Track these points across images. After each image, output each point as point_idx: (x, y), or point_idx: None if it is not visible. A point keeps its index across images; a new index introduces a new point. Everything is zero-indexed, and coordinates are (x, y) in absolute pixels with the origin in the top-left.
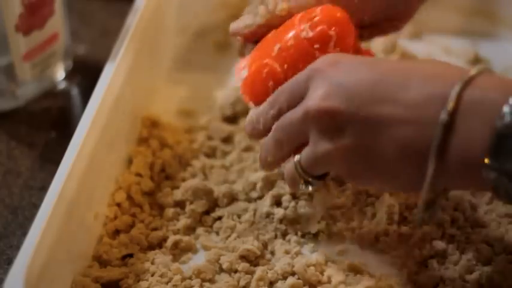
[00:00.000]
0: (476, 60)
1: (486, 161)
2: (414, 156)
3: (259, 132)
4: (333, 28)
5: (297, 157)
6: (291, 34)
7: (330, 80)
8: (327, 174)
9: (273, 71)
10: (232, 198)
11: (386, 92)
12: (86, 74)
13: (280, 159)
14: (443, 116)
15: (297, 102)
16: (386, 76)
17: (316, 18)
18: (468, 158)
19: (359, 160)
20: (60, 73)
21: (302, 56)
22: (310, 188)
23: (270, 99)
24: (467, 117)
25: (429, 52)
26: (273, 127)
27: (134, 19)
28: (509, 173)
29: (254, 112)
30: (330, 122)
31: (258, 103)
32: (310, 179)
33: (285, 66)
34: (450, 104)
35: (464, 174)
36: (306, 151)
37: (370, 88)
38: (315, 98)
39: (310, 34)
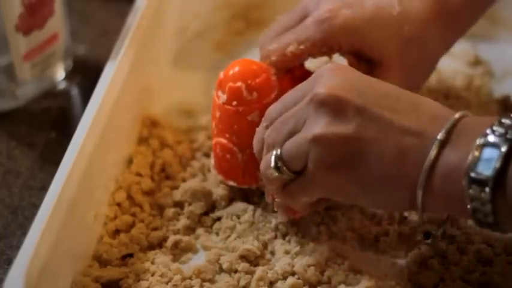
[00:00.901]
0: (476, 62)
1: (467, 171)
2: (411, 166)
3: (260, 154)
4: (238, 81)
5: (276, 150)
6: (215, 107)
7: (342, 78)
8: (302, 172)
9: (222, 146)
10: (230, 201)
11: (397, 104)
12: (86, 74)
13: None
14: (441, 134)
15: (296, 104)
16: (397, 93)
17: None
18: (453, 171)
19: (353, 154)
20: (60, 73)
21: (231, 118)
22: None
23: (263, 118)
24: (459, 136)
25: None
26: (266, 132)
27: (134, 19)
28: (484, 182)
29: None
30: (335, 106)
31: (231, 177)
32: (285, 171)
33: (226, 135)
34: (448, 125)
35: (448, 188)
36: (293, 138)
37: (381, 96)
38: (324, 86)
39: (225, 97)
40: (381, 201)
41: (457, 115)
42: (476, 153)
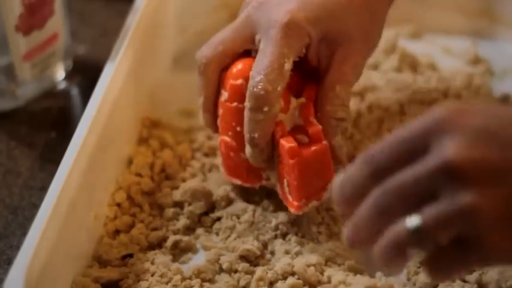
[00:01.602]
0: (476, 60)
1: None
2: None
3: (350, 202)
4: (239, 79)
5: (412, 220)
6: (219, 105)
7: (469, 127)
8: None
9: (225, 143)
10: (230, 201)
11: None
12: (86, 74)
13: (375, 235)
14: None
15: (409, 159)
16: None
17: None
18: None
19: None
20: (60, 73)
21: (231, 116)
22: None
23: (361, 160)
24: None
25: (429, 52)
26: (374, 193)
27: (134, 19)
28: None
29: (339, 179)
30: (480, 172)
31: (235, 175)
32: (429, 246)
33: (229, 133)
34: None
35: None
36: (434, 209)
37: None
38: (455, 148)
39: (226, 95)
40: None
41: None
42: None
